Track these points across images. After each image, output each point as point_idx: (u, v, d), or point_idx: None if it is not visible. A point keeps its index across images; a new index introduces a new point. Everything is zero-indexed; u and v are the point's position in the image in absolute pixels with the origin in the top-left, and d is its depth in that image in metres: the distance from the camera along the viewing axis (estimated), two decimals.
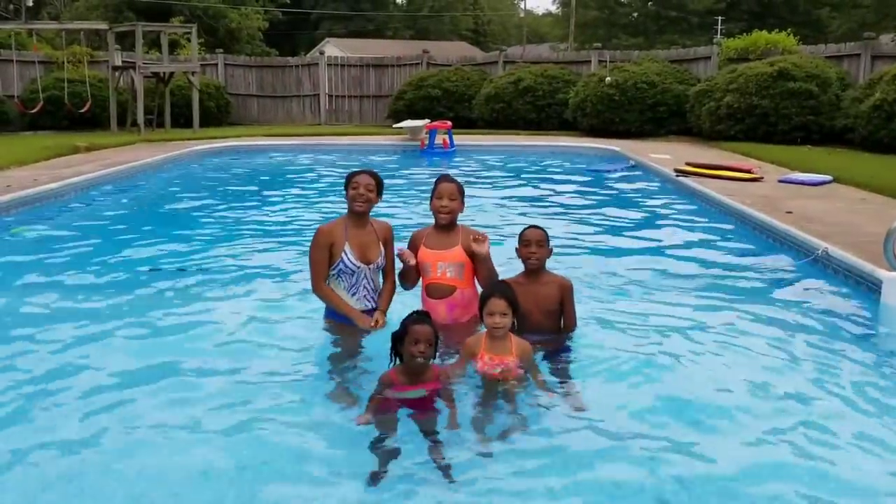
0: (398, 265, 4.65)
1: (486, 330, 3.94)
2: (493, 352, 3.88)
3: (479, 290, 4.36)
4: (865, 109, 14.33)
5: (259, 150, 16.32)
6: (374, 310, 4.63)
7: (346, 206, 4.62)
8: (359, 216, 4.58)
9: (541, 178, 12.53)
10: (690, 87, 18.03)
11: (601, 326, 4.89)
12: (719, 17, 42.96)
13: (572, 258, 6.66)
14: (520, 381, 3.85)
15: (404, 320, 3.70)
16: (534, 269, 4.40)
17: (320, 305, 4.71)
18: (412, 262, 4.50)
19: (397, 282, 4.74)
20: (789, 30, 20.21)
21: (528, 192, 11.12)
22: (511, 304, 3.87)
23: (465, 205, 4.65)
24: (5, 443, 3.42)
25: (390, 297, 4.71)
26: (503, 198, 10.34)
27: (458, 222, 4.62)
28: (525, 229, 4.47)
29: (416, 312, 3.77)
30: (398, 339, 3.66)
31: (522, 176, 12.91)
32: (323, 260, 4.52)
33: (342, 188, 4.61)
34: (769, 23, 29.27)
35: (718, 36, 25.29)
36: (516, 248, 4.46)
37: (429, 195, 4.64)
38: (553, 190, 11.26)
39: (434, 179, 4.66)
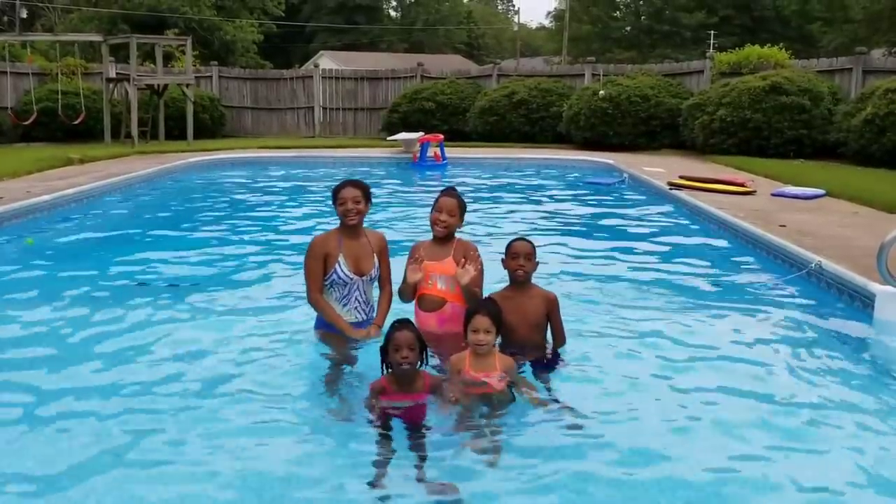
0: (396, 277, 4.61)
1: (469, 348, 3.88)
2: (478, 368, 3.84)
3: None
4: (857, 124, 14.41)
5: (253, 163, 16.31)
6: (364, 322, 4.61)
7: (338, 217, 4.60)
8: (352, 228, 4.57)
9: (533, 191, 12.55)
10: (683, 101, 18.12)
11: (591, 339, 4.87)
12: (712, 32, 43.18)
13: (563, 270, 6.64)
14: (505, 394, 3.79)
15: (388, 330, 3.74)
16: (520, 283, 4.36)
17: (312, 316, 4.70)
18: (417, 277, 4.42)
19: (394, 293, 4.68)
20: (781, 44, 20.38)
21: (520, 204, 11.11)
22: (495, 321, 3.84)
23: (464, 221, 4.60)
24: None
25: (387, 310, 4.65)
26: (494, 210, 10.33)
27: (455, 235, 4.58)
28: (513, 241, 4.42)
29: (398, 321, 3.79)
30: (384, 349, 3.69)
31: (515, 189, 12.92)
32: (318, 269, 4.51)
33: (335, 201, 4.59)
34: (761, 37, 29.50)
35: (711, 50, 25.36)
36: (502, 260, 4.42)
37: (423, 207, 4.61)
38: (545, 203, 11.27)
39: (437, 192, 4.62)
